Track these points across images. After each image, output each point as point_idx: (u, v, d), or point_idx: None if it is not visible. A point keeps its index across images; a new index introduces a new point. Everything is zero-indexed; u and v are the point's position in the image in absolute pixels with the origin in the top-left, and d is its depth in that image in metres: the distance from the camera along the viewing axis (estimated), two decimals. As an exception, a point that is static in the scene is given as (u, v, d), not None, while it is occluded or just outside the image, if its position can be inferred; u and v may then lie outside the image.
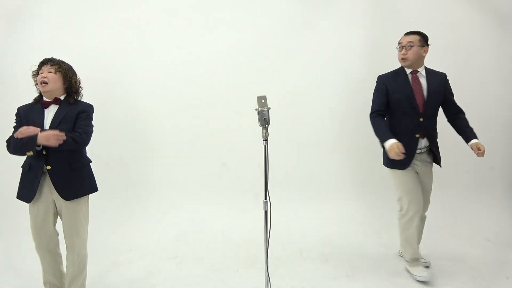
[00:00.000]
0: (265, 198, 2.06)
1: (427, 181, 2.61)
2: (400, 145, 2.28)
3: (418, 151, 2.52)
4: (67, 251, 2.17)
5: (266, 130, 2.03)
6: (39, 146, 1.98)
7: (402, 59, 2.51)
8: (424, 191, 2.61)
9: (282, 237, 2.93)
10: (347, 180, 3.59)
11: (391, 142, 2.31)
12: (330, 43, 3.53)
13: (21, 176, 2.14)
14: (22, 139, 1.95)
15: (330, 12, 3.50)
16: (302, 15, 3.49)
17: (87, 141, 2.12)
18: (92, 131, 2.15)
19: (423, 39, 2.51)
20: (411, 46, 2.46)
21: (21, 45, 3.25)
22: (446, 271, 2.69)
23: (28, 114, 2.08)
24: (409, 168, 2.52)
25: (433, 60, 3.58)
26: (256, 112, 2.01)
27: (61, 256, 2.26)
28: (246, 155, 3.56)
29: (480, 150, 2.44)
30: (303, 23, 3.49)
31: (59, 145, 1.96)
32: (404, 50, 2.49)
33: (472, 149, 2.47)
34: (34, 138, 1.93)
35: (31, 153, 1.97)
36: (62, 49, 3.28)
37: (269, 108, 2.01)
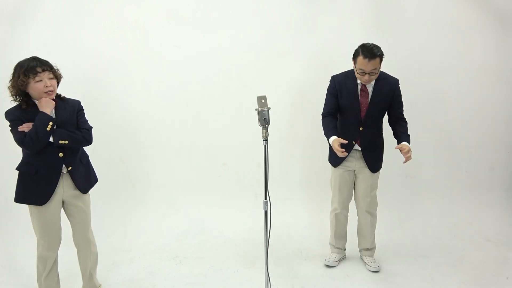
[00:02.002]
0: (265, 198, 2.07)
1: (361, 185, 2.67)
2: (338, 141, 2.40)
3: (358, 148, 2.59)
4: (82, 245, 2.26)
5: (266, 130, 2.03)
6: (51, 129, 1.98)
7: (367, 82, 2.46)
8: (359, 193, 2.71)
9: (282, 237, 2.94)
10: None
11: (332, 139, 2.46)
12: (330, 43, 3.53)
13: (24, 179, 2.08)
14: (35, 125, 1.95)
15: (330, 12, 3.50)
16: (302, 15, 3.49)
17: (92, 138, 2.22)
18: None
19: (381, 59, 2.41)
20: (375, 73, 2.40)
21: (21, 45, 3.25)
22: (446, 271, 2.69)
23: (26, 119, 2.00)
24: (341, 168, 2.64)
25: (433, 60, 3.60)
26: (256, 112, 2.01)
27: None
28: (246, 155, 3.56)
29: (404, 149, 2.40)
30: (303, 23, 3.49)
31: (75, 144, 2.09)
32: (367, 76, 2.40)
33: (401, 152, 2.45)
34: (41, 113, 1.95)
35: (50, 124, 1.97)
36: (62, 49, 3.29)
37: (269, 108, 2.01)
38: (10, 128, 2.04)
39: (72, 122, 2.14)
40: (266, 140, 2.03)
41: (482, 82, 3.62)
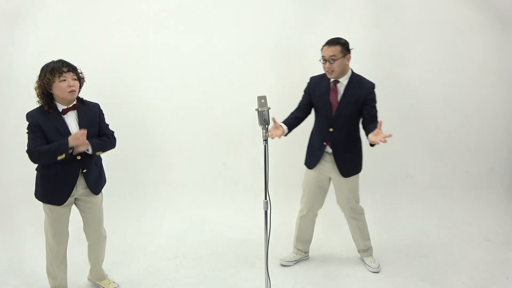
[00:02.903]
0: (265, 198, 2.06)
1: (338, 193, 2.64)
2: (271, 129, 2.33)
3: (329, 151, 2.55)
4: (95, 239, 2.38)
5: (266, 130, 2.03)
6: (71, 148, 2.04)
7: (328, 71, 2.43)
8: (338, 200, 2.68)
9: (282, 237, 2.93)
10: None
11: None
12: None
13: (43, 180, 2.16)
14: (53, 150, 2.02)
15: (330, 12, 3.50)
16: (302, 15, 3.49)
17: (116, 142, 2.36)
18: None
19: (344, 48, 2.40)
20: (334, 60, 2.37)
21: (21, 45, 3.25)
22: (446, 271, 2.69)
23: (46, 123, 2.05)
24: (315, 171, 2.61)
25: (433, 60, 3.60)
26: (256, 112, 2.01)
27: None
28: (246, 155, 3.56)
29: (375, 140, 2.16)
30: (303, 23, 3.49)
31: (105, 151, 2.25)
32: (327, 63, 2.39)
33: (374, 138, 2.20)
34: (65, 142, 2.01)
35: (63, 156, 2.02)
36: (62, 49, 3.28)
37: (269, 108, 2.01)
38: (27, 131, 2.08)
39: (94, 125, 2.22)
40: (266, 140, 2.03)
41: (482, 82, 3.62)
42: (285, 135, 2.48)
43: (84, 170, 2.19)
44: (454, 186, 3.67)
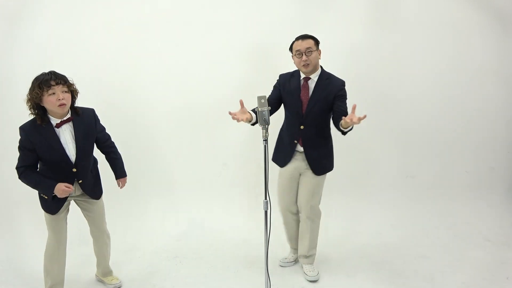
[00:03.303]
0: (265, 198, 2.07)
1: (302, 189, 2.59)
2: (237, 112, 2.25)
3: (300, 150, 2.53)
4: (98, 236, 2.46)
5: (266, 130, 2.03)
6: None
7: (304, 65, 2.41)
8: (300, 197, 2.62)
9: (282, 237, 2.93)
10: (346, 180, 3.58)
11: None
12: (330, 43, 3.51)
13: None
14: (38, 185, 2.10)
15: (330, 12, 3.50)
16: (302, 15, 3.49)
17: None
18: None
19: (316, 43, 2.43)
20: (311, 52, 2.39)
21: (21, 45, 3.25)
22: (446, 271, 2.69)
23: (38, 138, 2.04)
24: (287, 168, 2.59)
25: (433, 60, 3.60)
26: (256, 112, 2.02)
27: None
28: (246, 155, 3.55)
29: (347, 121, 2.07)
30: (303, 23, 3.49)
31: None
32: (304, 56, 2.39)
33: (345, 121, 2.10)
34: (51, 186, 2.08)
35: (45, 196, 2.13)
36: (62, 49, 3.29)
37: (269, 108, 2.01)
38: (18, 144, 2.08)
39: (91, 134, 2.22)
40: (266, 140, 2.03)
41: (482, 82, 3.62)
42: (252, 125, 2.40)
43: (80, 181, 2.21)
44: (454, 186, 3.67)
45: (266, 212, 2.07)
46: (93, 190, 2.32)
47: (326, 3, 3.49)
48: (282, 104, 2.59)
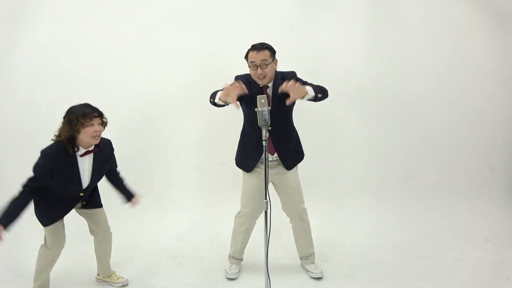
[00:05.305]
0: (265, 198, 2.06)
1: (284, 197, 2.55)
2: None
3: (270, 158, 2.45)
4: (103, 234, 2.48)
5: (266, 130, 2.03)
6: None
7: (259, 78, 2.32)
8: (286, 206, 2.58)
9: (282, 237, 2.93)
10: (346, 180, 3.58)
11: (220, 92, 2.29)
12: (330, 43, 3.53)
13: (40, 202, 2.20)
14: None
15: (330, 12, 3.50)
16: (302, 15, 3.49)
17: None
18: None
19: (272, 53, 2.35)
20: (266, 65, 2.28)
21: (21, 45, 3.25)
22: (446, 271, 2.69)
23: (58, 166, 2.05)
24: (255, 173, 2.49)
25: (433, 60, 3.60)
26: (256, 112, 2.01)
27: None
28: (246, 155, 3.55)
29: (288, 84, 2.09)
30: (303, 23, 3.49)
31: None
32: (259, 69, 2.28)
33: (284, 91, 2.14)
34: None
35: None
36: (62, 49, 3.29)
37: (269, 108, 2.01)
38: (36, 161, 2.05)
39: (107, 165, 2.32)
40: (266, 140, 2.03)
41: (483, 82, 3.62)
42: (221, 106, 2.40)
43: (84, 203, 2.33)
44: (454, 186, 3.67)
45: (266, 212, 2.07)
46: (93, 202, 2.39)
47: (326, 3, 3.49)
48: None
